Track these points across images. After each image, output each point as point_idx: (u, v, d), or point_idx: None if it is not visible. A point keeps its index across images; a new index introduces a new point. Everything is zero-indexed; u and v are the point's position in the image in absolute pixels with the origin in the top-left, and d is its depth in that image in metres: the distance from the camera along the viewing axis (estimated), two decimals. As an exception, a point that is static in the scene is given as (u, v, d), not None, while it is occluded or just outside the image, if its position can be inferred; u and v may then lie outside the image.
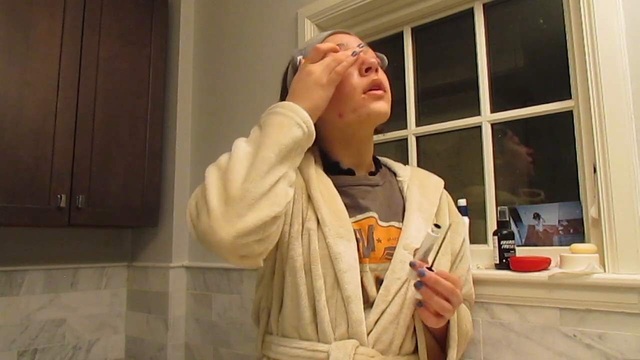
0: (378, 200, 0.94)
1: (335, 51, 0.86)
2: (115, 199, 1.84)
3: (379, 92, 0.89)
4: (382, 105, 0.89)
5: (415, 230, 0.91)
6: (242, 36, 1.94)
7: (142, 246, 2.11)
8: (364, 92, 0.88)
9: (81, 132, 1.75)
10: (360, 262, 0.86)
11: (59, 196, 1.66)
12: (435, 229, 0.74)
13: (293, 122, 0.78)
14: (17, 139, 1.59)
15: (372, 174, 0.99)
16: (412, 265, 0.78)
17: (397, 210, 0.95)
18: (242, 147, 0.78)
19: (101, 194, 1.80)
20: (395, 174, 1.04)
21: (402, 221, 0.93)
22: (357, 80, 0.88)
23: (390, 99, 0.92)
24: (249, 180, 0.73)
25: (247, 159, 0.75)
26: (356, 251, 0.85)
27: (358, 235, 0.87)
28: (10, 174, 1.57)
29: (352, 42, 0.93)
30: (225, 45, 2.00)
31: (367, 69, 0.89)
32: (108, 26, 1.87)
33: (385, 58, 0.97)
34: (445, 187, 1.04)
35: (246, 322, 1.73)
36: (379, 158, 1.06)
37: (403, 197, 0.98)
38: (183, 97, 2.08)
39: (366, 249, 0.87)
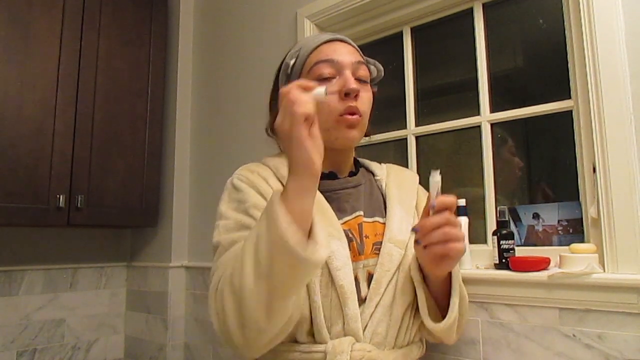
0: (361, 199, 0.97)
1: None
2: (115, 199, 1.84)
3: (354, 117, 0.90)
4: (352, 133, 0.92)
5: (397, 224, 0.94)
6: (241, 35, 1.93)
7: (141, 246, 2.11)
8: (340, 115, 0.89)
9: (80, 132, 1.75)
10: (356, 259, 0.88)
11: (58, 196, 1.66)
12: (434, 172, 0.76)
13: (311, 264, 0.67)
14: (16, 139, 1.59)
15: (352, 174, 1.02)
16: (414, 230, 0.80)
17: (378, 206, 0.99)
18: (250, 280, 0.68)
19: (100, 194, 1.80)
20: (372, 173, 1.07)
21: (385, 216, 0.97)
22: (335, 104, 0.89)
23: (365, 123, 0.95)
24: (266, 321, 0.70)
25: (261, 300, 0.68)
26: (348, 249, 0.87)
27: (350, 235, 0.90)
28: (9, 173, 1.57)
29: (346, 57, 0.92)
30: (224, 44, 2.00)
31: (346, 94, 0.90)
32: (107, 26, 1.87)
33: (381, 69, 0.99)
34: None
35: (245, 322, 1.73)
36: (358, 159, 1.09)
37: (382, 194, 1.02)
38: (182, 96, 2.08)
39: (360, 246, 0.90)
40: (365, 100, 0.93)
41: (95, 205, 1.78)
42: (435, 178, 0.76)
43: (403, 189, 1.02)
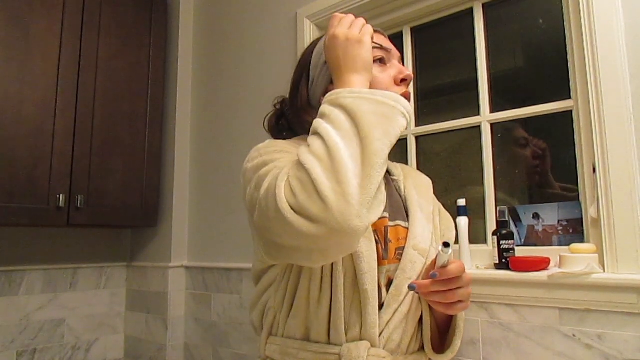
0: (385, 199, 0.94)
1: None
2: (115, 199, 1.84)
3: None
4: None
5: (421, 230, 0.92)
6: (241, 36, 1.93)
7: (141, 246, 2.11)
8: None
9: (80, 132, 1.75)
10: (380, 264, 0.85)
11: (58, 196, 1.66)
12: (445, 248, 0.75)
13: (397, 111, 0.71)
14: (16, 139, 1.59)
15: None
16: (410, 288, 0.80)
17: (399, 209, 0.96)
18: (336, 136, 0.67)
19: (100, 194, 1.80)
20: (388, 172, 1.04)
21: (406, 220, 0.94)
22: (392, 89, 0.88)
23: None
24: (364, 176, 0.65)
25: (356, 153, 0.66)
26: (375, 252, 0.84)
27: (376, 237, 0.87)
28: (9, 173, 1.57)
29: (394, 48, 0.93)
30: (224, 44, 2.00)
31: (402, 80, 0.89)
32: (107, 26, 1.87)
33: None
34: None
35: (246, 322, 1.73)
36: None
37: (401, 196, 0.99)
38: (182, 97, 2.08)
39: (384, 250, 0.88)
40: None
41: (95, 205, 1.78)
42: (448, 252, 0.75)
43: (422, 195, 1.00)
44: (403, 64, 0.94)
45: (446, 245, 0.75)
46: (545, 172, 1.28)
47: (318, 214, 0.62)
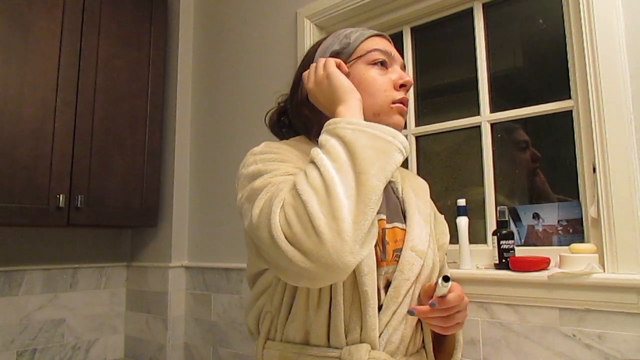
0: (382, 201, 0.93)
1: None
2: (115, 199, 1.84)
3: (405, 108, 0.90)
4: (402, 121, 0.91)
5: (418, 231, 0.92)
6: (241, 35, 1.94)
7: (141, 246, 2.11)
8: (393, 103, 0.89)
9: (80, 132, 1.75)
10: (378, 265, 0.85)
11: (58, 196, 1.66)
12: (445, 282, 0.77)
13: (394, 147, 0.72)
14: (16, 139, 1.59)
15: None
16: (410, 313, 0.82)
17: (396, 210, 0.96)
18: (331, 168, 0.68)
19: (100, 194, 1.80)
20: None
21: (404, 222, 0.94)
22: (390, 92, 0.89)
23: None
24: (358, 213, 0.66)
25: (351, 188, 0.67)
26: (374, 254, 0.84)
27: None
28: (9, 173, 1.57)
29: (398, 54, 0.94)
30: (224, 44, 2.00)
31: (402, 86, 0.91)
32: (107, 26, 1.87)
33: None
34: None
35: (245, 322, 1.73)
36: None
37: (398, 198, 0.99)
38: (182, 96, 2.08)
39: (382, 252, 0.87)
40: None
41: (95, 205, 1.78)
42: (447, 285, 0.77)
43: (419, 197, 1.00)
44: (405, 71, 0.95)
45: (446, 279, 0.76)
46: (541, 184, 1.28)
47: (312, 248, 0.64)
